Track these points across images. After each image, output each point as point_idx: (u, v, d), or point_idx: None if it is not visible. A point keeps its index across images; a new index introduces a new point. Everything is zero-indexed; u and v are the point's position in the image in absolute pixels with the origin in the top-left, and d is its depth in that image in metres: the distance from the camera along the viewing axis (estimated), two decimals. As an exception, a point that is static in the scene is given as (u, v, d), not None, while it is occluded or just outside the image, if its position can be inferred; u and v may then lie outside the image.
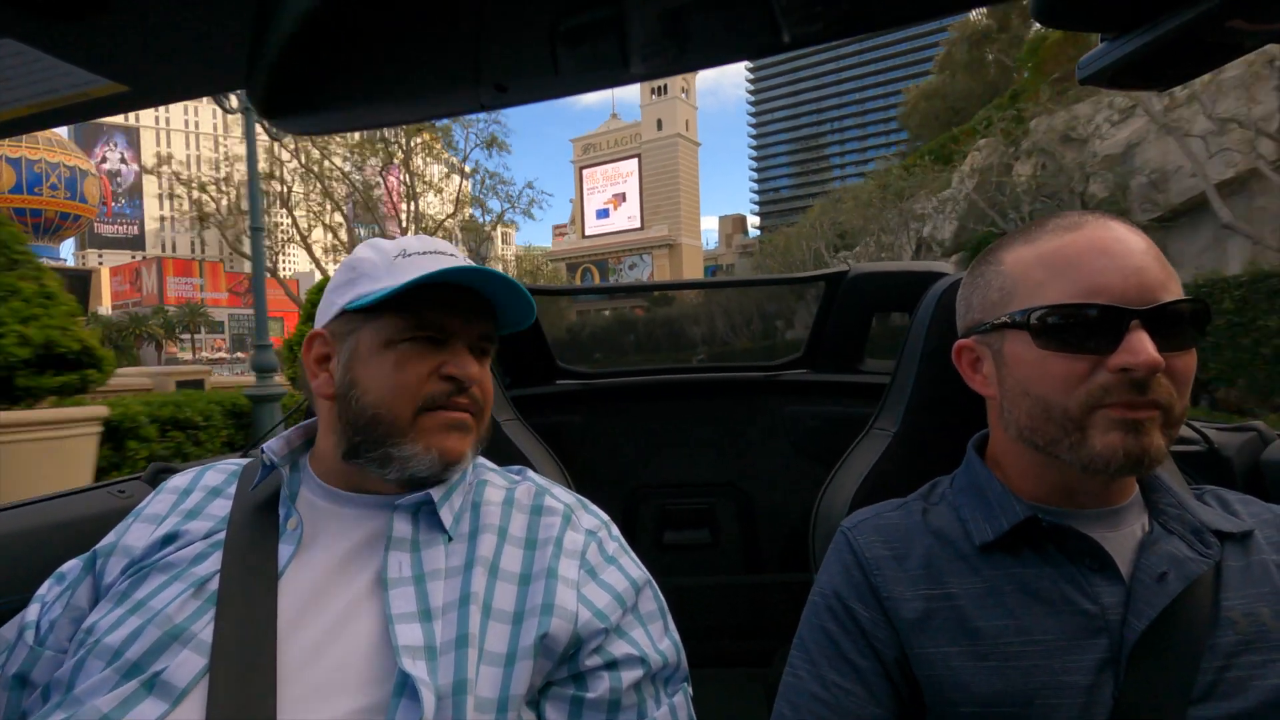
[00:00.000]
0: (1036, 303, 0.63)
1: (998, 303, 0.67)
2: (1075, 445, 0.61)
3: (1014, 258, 0.67)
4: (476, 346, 0.75)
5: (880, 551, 0.69)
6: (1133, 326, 0.59)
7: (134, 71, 0.41)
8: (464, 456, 0.72)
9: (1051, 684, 0.59)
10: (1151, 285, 0.60)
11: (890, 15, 0.36)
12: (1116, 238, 0.63)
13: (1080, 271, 0.61)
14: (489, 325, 0.76)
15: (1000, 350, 0.67)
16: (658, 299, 11.75)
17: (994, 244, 0.72)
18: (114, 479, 1.12)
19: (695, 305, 14.30)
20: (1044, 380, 0.62)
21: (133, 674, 0.59)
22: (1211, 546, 0.63)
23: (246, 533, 0.69)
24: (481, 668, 0.61)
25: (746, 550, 1.80)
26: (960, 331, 0.74)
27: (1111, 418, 0.59)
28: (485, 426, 0.77)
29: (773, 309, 15.72)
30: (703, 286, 3.44)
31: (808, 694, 0.65)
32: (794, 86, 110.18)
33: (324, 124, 0.47)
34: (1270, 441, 1.01)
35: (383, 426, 0.70)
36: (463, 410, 0.73)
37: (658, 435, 1.80)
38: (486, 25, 0.38)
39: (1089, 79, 0.50)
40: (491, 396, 0.78)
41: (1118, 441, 0.59)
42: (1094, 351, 0.60)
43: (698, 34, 0.38)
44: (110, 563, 0.71)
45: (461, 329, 0.73)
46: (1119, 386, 0.59)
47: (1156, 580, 0.61)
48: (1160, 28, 0.42)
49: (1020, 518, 0.65)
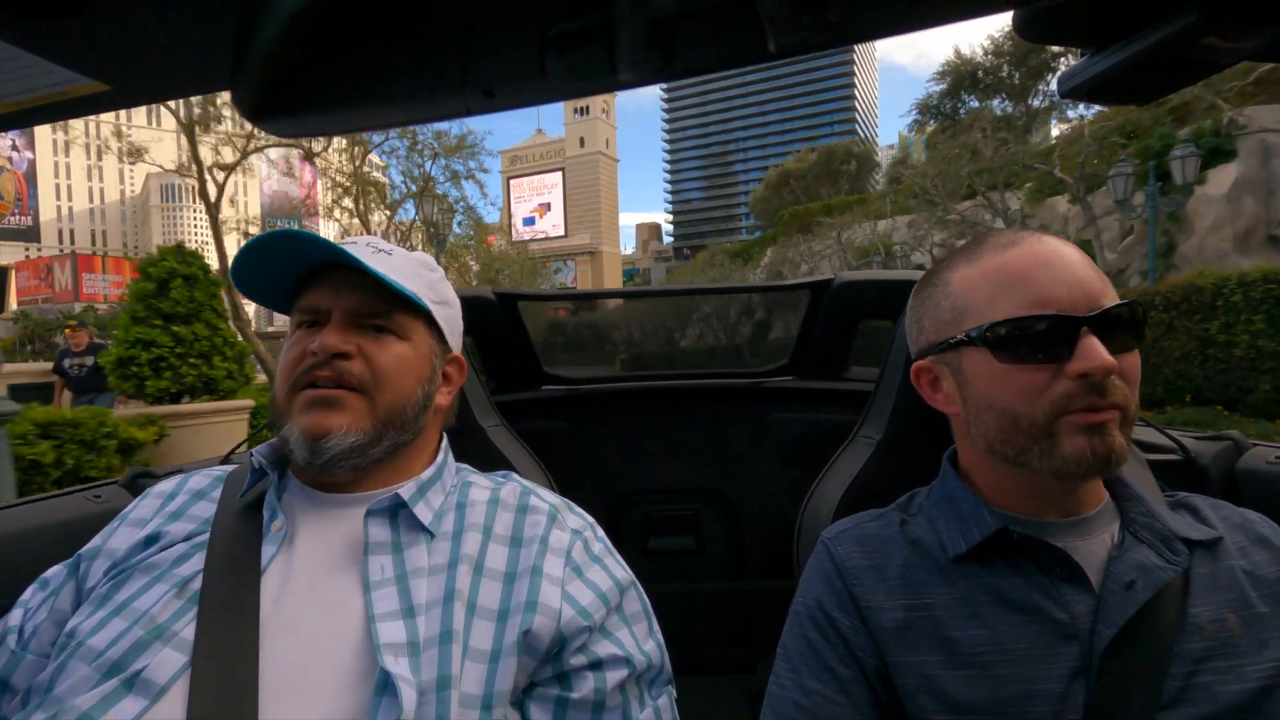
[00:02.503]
0: (990, 319, 0.64)
1: (951, 322, 0.69)
2: (1045, 453, 0.62)
3: (960, 277, 0.69)
4: (364, 323, 0.73)
5: (859, 561, 0.70)
6: (1084, 333, 0.61)
7: (116, 71, 0.40)
8: (328, 433, 0.68)
9: (1024, 692, 0.60)
10: (1094, 293, 0.63)
11: (874, 26, 0.37)
12: (1054, 250, 0.65)
13: (1027, 285, 0.63)
14: (364, 297, 0.72)
15: (960, 368, 0.68)
16: (582, 305, 12.05)
17: (935, 266, 0.74)
18: (91, 484, 1.10)
19: (616, 312, 14.87)
20: (1008, 393, 0.64)
21: (113, 673, 0.58)
22: (1180, 554, 0.64)
23: (230, 534, 0.68)
24: (466, 664, 0.61)
25: (732, 557, 1.80)
26: (915, 353, 0.75)
27: (1076, 423, 0.61)
28: (386, 405, 0.72)
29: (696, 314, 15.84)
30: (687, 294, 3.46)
31: (791, 703, 0.66)
32: (704, 105, 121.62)
33: (310, 127, 0.47)
34: (1245, 450, 1.03)
35: (275, 411, 0.73)
36: (323, 386, 0.70)
37: (644, 441, 1.79)
38: (475, 30, 0.38)
39: (1070, 93, 0.50)
40: (390, 370, 0.72)
41: (1084, 445, 0.61)
42: (1052, 360, 0.62)
43: (685, 42, 0.38)
44: (93, 566, 0.70)
45: (333, 303, 0.72)
46: (1080, 392, 0.61)
47: (1125, 588, 0.62)
48: (1139, 43, 0.43)
49: (991, 529, 0.66)
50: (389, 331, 0.74)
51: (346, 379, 0.70)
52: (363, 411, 0.71)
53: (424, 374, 0.76)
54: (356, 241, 0.76)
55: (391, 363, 0.73)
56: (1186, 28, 0.40)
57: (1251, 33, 0.40)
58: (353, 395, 0.71)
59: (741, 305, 13.53)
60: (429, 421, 0.78)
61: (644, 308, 14.84)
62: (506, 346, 1.68)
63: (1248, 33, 0.40)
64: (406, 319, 0.75)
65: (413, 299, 0.74)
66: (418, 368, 0.76)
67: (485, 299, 1.57)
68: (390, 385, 0.73)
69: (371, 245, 0.76)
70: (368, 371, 0.71)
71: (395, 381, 0.73)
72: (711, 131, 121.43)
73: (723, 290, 3.83)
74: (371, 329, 0.73)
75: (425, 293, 0.77)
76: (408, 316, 0.75)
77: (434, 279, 0.81)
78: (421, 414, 0.76)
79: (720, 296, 13.61)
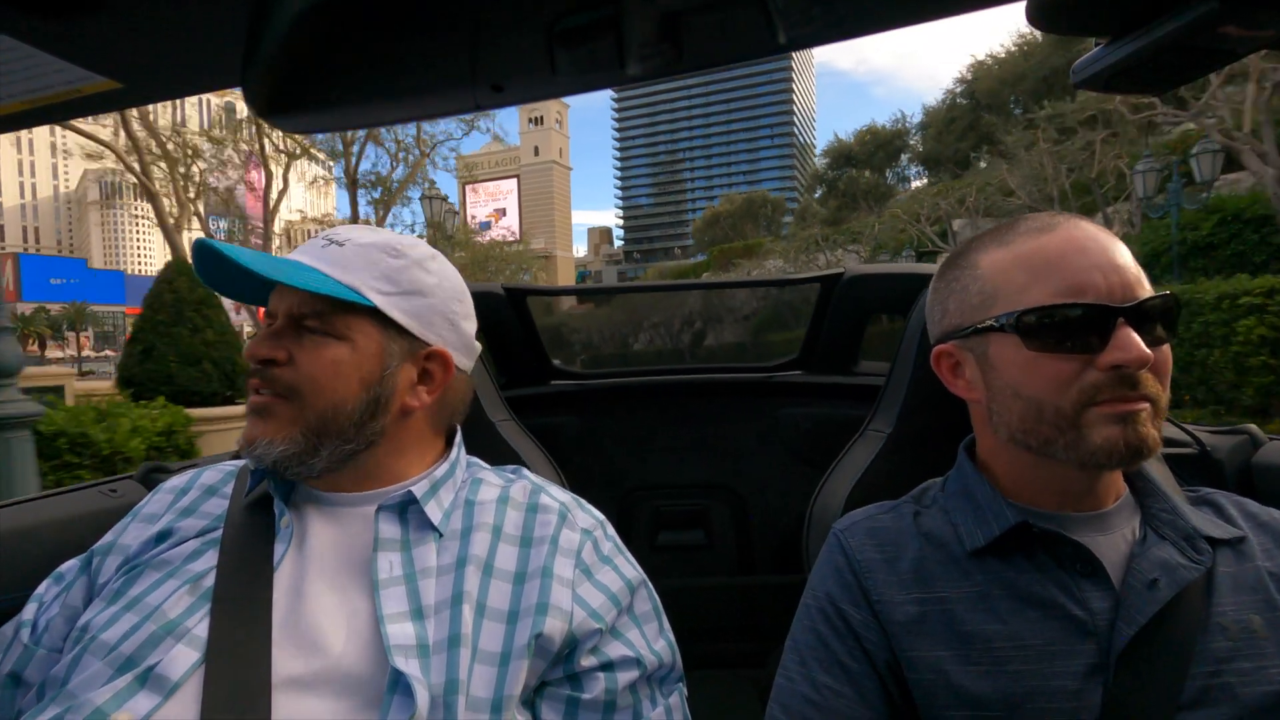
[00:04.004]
0: (1021, 305, 0.62)
1: (979, 306, 0.66)
2: (1072, 443, 0.61)
3: (990, 260, 0.67)
4: (295, 323, 0.69)
5: (872, 554, 0.69)
6: (1119, 324, 0.59)
7: (128, 69, 0.41)
8: (253, 442, 0.67)
9: (1040, 689, 0.59)
10: (1130, 283, 0.61)
11: (883, 18, 0.37)
12: (1091, 236, 0.63)
13: (1062, 271, 0.61)
14: (302, 297, 0.69)
15: (985, 354, 0.66)
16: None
17: (962, 248, 0.72)
18: (106, 479, 1.11)
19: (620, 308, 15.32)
20: (1035, 381, 0.62)
21: (126, 668, 0.59)
22: (1204, 553, 0.63)
23: (243, 530, 0.69)
24: (476, 667, 0.61)
25: (740, 552, 1.80)
26: (936, 337, 0.73)
27: (1106, 413, 0.60)
28: (316, 411, 0.68)
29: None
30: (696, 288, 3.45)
31: (800, 696, 0.65)
32: (652, 111, 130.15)
33: (320, 123, 0.47)
34: (1261, 445, 1.02)
35: None
36: (257, 393, 0.69)
37: (653, 436, 1.79)
38: (484, 25, 0.38)
39: (1084, 83, 0.50)
40: (318, 376, 0.68)
41: (1117, 434, 0.59)
42: (1083, 350, 0.60)
43: (694, 35, 0.38)
44: (106, 562, 0.71)
45: (277, 305, 0.71)
46: (1110, 383, 0.59)
47: (1147, 587, 0.61)
48: (1154, 33, 0.42)
49: (1011, 523, 0.65)
50: (322, 333, 0.69)
51: (274, 386, 0.68)
52: (290, 419, 0.67)
53: (370, 376, 0.70)
54: (330, 235, 0.73)
55: (320, 368, 0.68)
56: (1205, 16, 0.39)
57: (1271, 21, 0.40)
58: (281, 403, 0.68)
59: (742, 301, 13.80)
60: (393, 426, 0.72)
61: (649, 304, 14.99)
62: (515, 341, 1.68)
63: (1267, 21, 0.40)
64: (345, 318, 0.69)
65: (345, 297, 0.68)
66: (360, 370, 0.69)
67: (494, 294, 1.58)
68: (319, 392, 0.68)
69: (327, 238, 0.73)
70: (296, 378, 0.68)
71: (326, 387, 0.68)
72: (659, 138, 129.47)
73: (733, 284, 3.82)
74: (307, 331, 0.69)
75: (377, 284, 0.70)
76: (347, 316, 0.69)
77: (395, 266, 0.72)
78: (371, 420, 0.70)
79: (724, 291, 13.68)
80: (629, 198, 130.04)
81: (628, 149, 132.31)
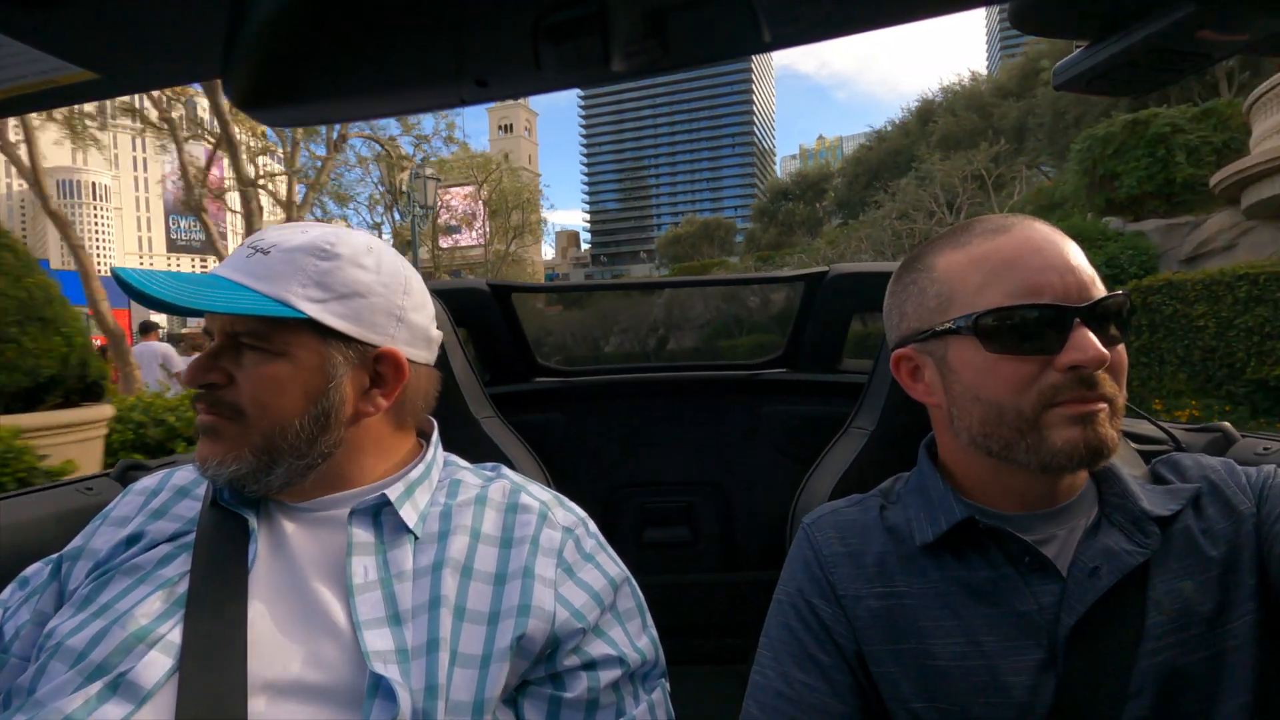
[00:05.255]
0: (978, 307, 0.62)
1: (936, 309, 0.66)
2: (1033, 446, 0.61)
3: (946, 263, 0.66)
4: (233, 341, 0.67)
5: (836, 548, 0.69)
6: (1076, 324, 0.59)
7: (105, 59, 0.40)
8: (206, 461, 0.66)
9: (993, 684, 0.60)
10: (1086, 282, 0.61)
11: (869, 17, 0.37)
12: (1046, 237, 0.63)
13: (1019, 272, 0.61)
14: (225, 316, 0.67)
15: (944, 357, 0.66)
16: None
17: (918, 251, 0.71)
18: (82, 476, 1.10)
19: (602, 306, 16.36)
20: (995, 384, 0.62)
21: (96, 676, 0.57)
22: (1151, 535, 0.63)
23: (216, 535, 0.67)
24: (455, 670, 0.61)
25: (725, 548, 1.80)
26: (894, 341, 0.72)
27: (1065, 414, 0.60)
28: (263, 430, 0.66)
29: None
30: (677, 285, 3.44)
31: (774, 692, 0.66)
32: (619, 115, 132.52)
33: (301, 116, 0.46)
34: (1234, 441, 1.04)
35: None
36: (201, 413, 0.67)
37: (638, 433, 1.80)
38: (469, 18, 0.38)
39: (1065, 85, 0.50)
40: (260, 394, 0.66)
41: (1077, 436, 0.59)
42: (1042, 352, 0.60)
43: (680, 33, 0.38)
44: (75, 567, 0.69)
45: (212, 323, 0.69)
46: (1069, 384, 0.59)
47: (1089, 575, 0.61)
48: (1133, 35, 0.43)
49: (959, 518, 0.65)
50: (260, 350, 0.66)
51: (218, 408, 0.67)
52: (237, 439, 0.66)
53: (314, 389, 0.67)
54: (254, 242, 0.70)
55: (261, 387, 0.66)
56: (1183, 20, 0.40)
57: (1248, 26, 0.40)
58: (226, 423, 0.66)
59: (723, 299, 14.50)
60: (349, 434, 0.70)
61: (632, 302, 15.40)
62: (500, 338, 1.68)
63: (1245, 26, 0.40)
64: (281, 334, 0.66)
65: (273, 313, 0.64)
66: (303, 385, 0.67)
67: (479, 290, 1.57)
68: (263, 411, 0.66)
69: (252, 245, 0.69)
70: (239, 398, 0.66)
71: (269, 406, 0.66)
72: (626, 142, 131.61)
73: (717, 282, 3.84)
74: (248, 349, 0.67)
75: (307, 292, 0.66)
76: (283, 330, 0.66)
77: (325, 269, 0.67)
78: (324, 434, 0.68)
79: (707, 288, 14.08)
80: (596, 201, 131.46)
81: (594, 152, 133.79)
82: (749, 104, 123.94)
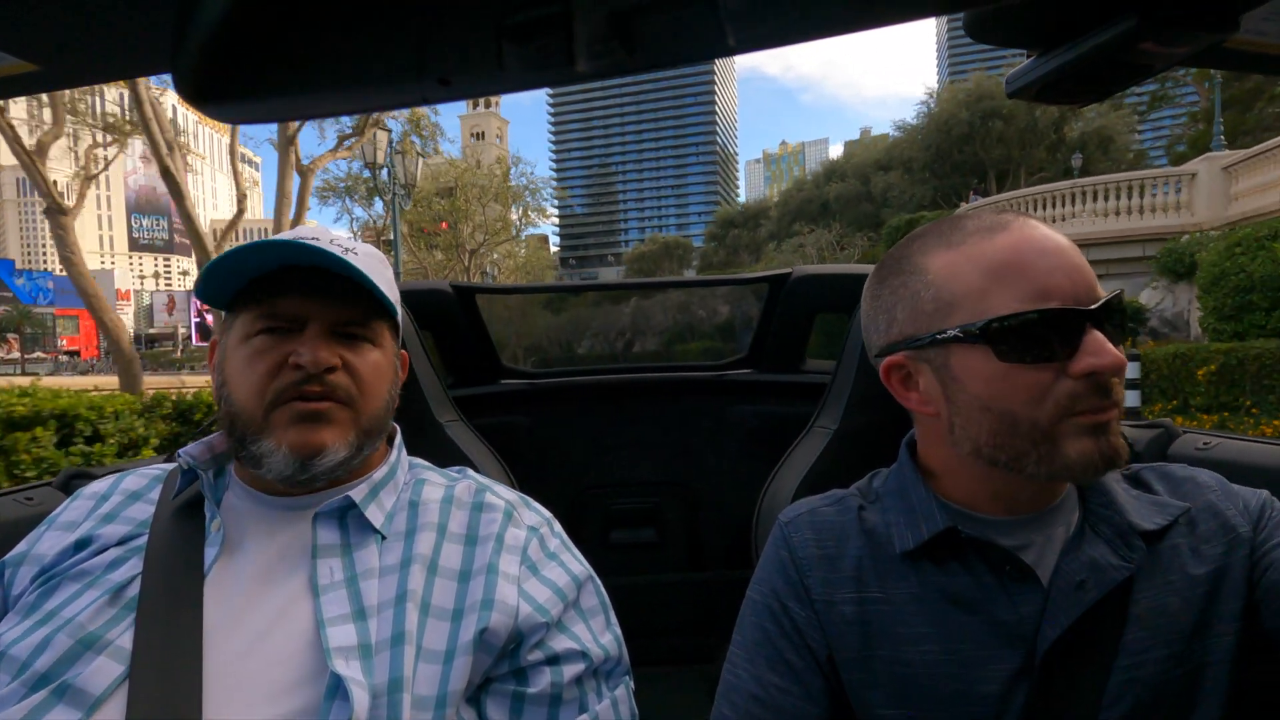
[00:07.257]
0: (986, 312, 0.58)
1: (934, 314, 0.61)
2: (1045, 456, 0.58)
3: (940, 264, 0.62)
4: (341, 331, 0.70)
5: (813, 551, 0.68)
6: (1088, 328, 0.56)
7: (46, 51, 0.38)
8: (323, 450, 0.67)
9: (965, 692, 0.59)
10: (1091, 284, 0.58)
11: (833, 23, 0.37)
12: (1048, 236, 0.59)
13: (1027, 275, 0.58)
14: (352, 307, 0.70)
15: (946, 365, 0.62)
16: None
17: (900, 252, 0.67)
18: (23, 486, 1.05)
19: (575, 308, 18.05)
20: (1009, 394, 0.58)
21: (41, 685, 0.55)
22: (1136, 550, 0.61)
23: (169, 537, 0.66)
24: (420, 665, 0.60)
25: (691, 548, 1.81)
26: (881, 347, 0.68)
27: (1081, 424, 0.57)
28: (368, 416, 0.70)
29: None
30: (646, 287, 3.47)
31: (746, 694, 0.65)
32: (587, 119, 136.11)
33: (256, 112, 0.45)
34: (1176, 437, 1.08)
35: (241, 424, 0.67)
36: (315, 399, 0.67)
37: (604, 435, 1.79)
38: (431, 16, 0.37)
39: (1016, 93, 0.52)
40: (372, 381, 0.71)
41: (1091, 447, 0.57)
42: (1055, 358, 0.57)
43: (645, 35, 0.38)
44: (19, 573, 0.66)
45: (317, 313, 0.69)
46: (1085, 392, 0.56)
47: (1075, 588, 0.59)
48: (1081, 46, 0.45)
49: (940, 527, 0.63)
50: (365, 340, 0.72)
51: (335, 393, 0.68)
52: (349, 424, 0.69)
53: (392, 378, 0.75)
54: (319, 238, 0.70)
55: (372, 373, 0.71)
56: (1126, 32, 0.42)
57: (1186, 39, 0.42)
58: (339, 408, 0.69)
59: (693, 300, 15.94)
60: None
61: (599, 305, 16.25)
62: (464, 341, 1.66)
63: (1182, 39, 0.42)
64: (379, 325, 0.73)
65: (389, 306, 0.72)
66: (389, 374, 0.75)
67: (443, 292, 1.55)
68: (372, 396, 0.71)
69: (337, 243, 0.72)
70: (353, 384, 0.69)
71: (376, 391, 0.72)
72: (595, 146, 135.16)
73: (683, 284, 3.88)
74: (349, 338, 0.70)
75: (389, 292, 0.73)
76: (379, 322, 0.73)
77: (389, 276, 0.76)
78: (389, 418, 0.75)
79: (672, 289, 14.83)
80: (564, 203, 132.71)
81: (563, 155, 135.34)
82: (711, 106, 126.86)
